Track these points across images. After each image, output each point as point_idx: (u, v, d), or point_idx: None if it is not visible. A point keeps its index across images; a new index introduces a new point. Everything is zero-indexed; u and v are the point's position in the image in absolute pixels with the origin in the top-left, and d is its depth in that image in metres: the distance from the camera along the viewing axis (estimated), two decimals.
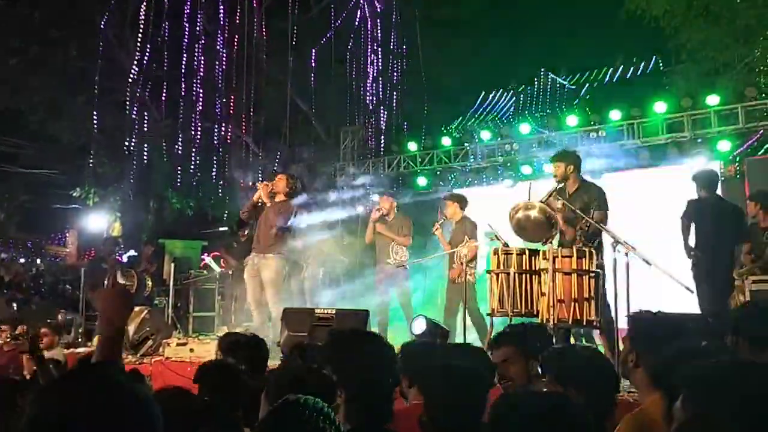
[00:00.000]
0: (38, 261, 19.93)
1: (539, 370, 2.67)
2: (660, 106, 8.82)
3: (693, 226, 6.28)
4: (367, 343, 2.19)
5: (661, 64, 11.07)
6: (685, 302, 5.95)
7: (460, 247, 6.84)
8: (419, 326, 5.93)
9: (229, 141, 15.16)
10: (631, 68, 11.15)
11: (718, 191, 6.57)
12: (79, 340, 8.35)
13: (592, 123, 9.41)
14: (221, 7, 14.04)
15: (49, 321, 7.31)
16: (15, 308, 11.18)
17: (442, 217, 7.33)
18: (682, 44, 10.98)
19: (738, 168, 8.71)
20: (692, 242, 6.29)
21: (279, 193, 7.00)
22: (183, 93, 14.25)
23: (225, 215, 12.60)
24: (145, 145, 14.98)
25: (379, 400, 2.04)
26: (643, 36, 11.54)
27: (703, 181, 6.33)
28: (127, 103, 14.45)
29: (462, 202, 7.28)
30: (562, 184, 5.81)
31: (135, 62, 14.04)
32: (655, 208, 8.46)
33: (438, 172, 11.17)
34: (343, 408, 2.01)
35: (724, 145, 8.49)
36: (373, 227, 8.03)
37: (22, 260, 19.66)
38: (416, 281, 8.35)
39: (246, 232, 8.93)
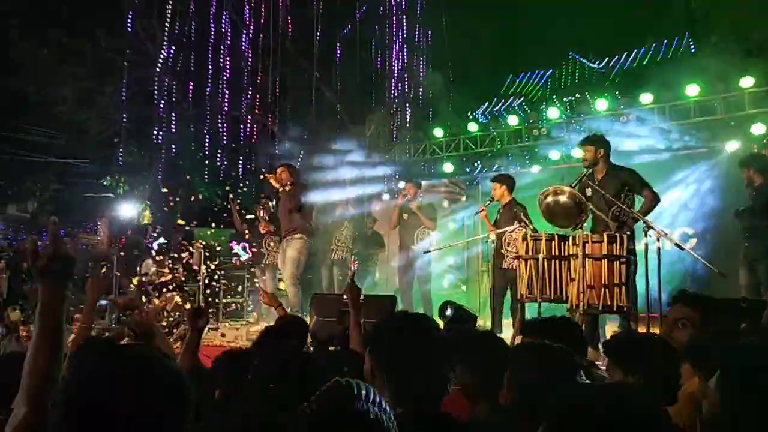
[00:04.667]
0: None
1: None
2: (692, 89, 8.65)
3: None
4: (409, 324, 2.18)
5: (692, 46, 10.82)
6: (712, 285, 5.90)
7: (508, 230, 6.76)
8: (448, 311, 5.94)
9: (255, 129, 15.25)
10: (662, 50, 10.92)
11: None
12: (113, 325, 8.52)
13: (621, 106, 9.28)
14: None
15: (83, 306, 7.44)
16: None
17: (488, 199, 7.28)
18: (713, 25, 10.73)
19: None
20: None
21: (285, 183, 7.41)
22: (210, 82, 14.35)
23: (256, 204, 12.73)
24: (173, 134, 15.14)
25: (425, 382, 2.04)
26: (673, 17, 11.30)
27: (758, 164, 6.26)
28: (155, 92, 14.60)
29: (510, 184, 7.19)
30: (591, 169, 5.77)
31: (162, 52, 14.16)
32: (686, 191, 8.36)
33: (464, 158, 11.12)
34: (389, 391, 2.02)
35: (758, 128, 8.31)
36: (399, 213, 8.08)
37: None
38: None
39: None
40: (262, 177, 7.64)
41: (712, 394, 1.31)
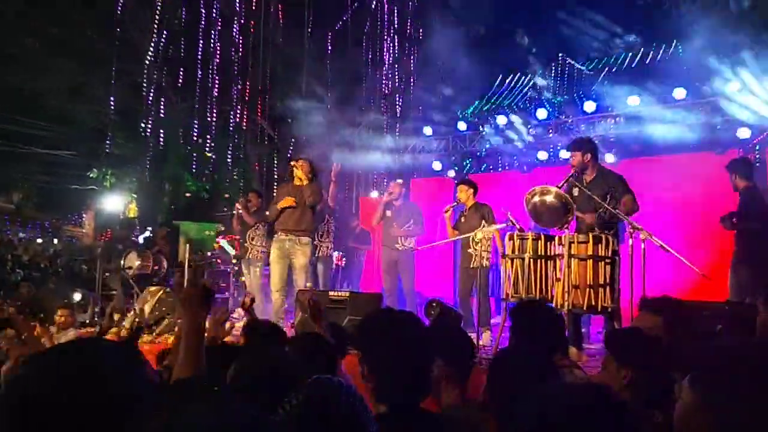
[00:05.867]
0: (55, 241, 20.14)
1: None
2: (679, 93, 8.71)
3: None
4: (396, 320, 2.17)
5: (680, 50, 10.89)
6: (701, 289, 5.93)
7: (476, 231, 6.77)
8: (433, 310, 5.94)
9: (244, 125, 15.19)
10: (650, 53, 10.99)
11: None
12: (96, 319, 8.45)
13: (610, 108, 9.33)
14: None
15: (66, 301, 7.38)
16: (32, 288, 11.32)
17: (454, 201, 7.30)
18: (702, 30, 10.80)
19: (758, 156, 8.59)
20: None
21: (304, 176, 7.27)
22: (199, 76, 14.28)
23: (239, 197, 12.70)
24: (162, 127, 15.06)
25: (410, 378, 2.03)
26: (663, 21, 11.37)
27: (741, 169, 6.30)
28: (144, 85, 14.50)
29: (476, 188, 7.24)
30: (579, 172, 5.78)
31: (152, 45, 14.07)
32: (674, 194, 8.39)
33: (453, 157, 11.13)
34: (374, 388, 2.02)
35: (744, 132, 8.38)
36: (382, 210, 8.07)
37: (39, 240, 19.89)
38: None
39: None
40: (291, 164, 7.51)
41: (684, 395, 1.32)
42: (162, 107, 15.15)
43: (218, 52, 14.25)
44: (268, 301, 7.68)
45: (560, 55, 12.06)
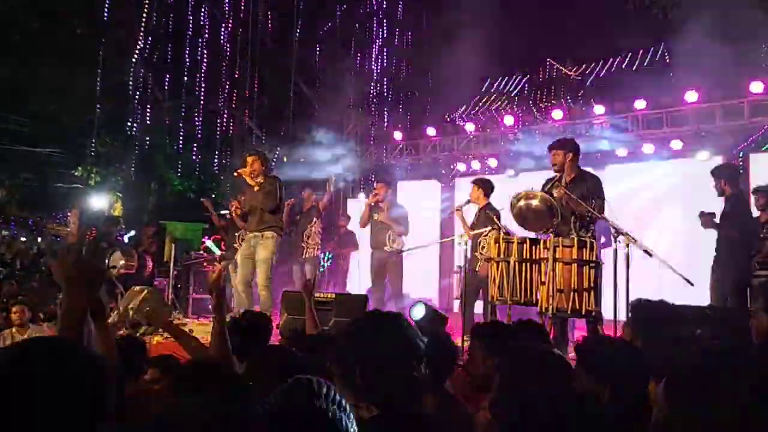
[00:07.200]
0: (39, 240, 19.89)
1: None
2: (665, 100, 8.81)
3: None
4: (386, 322, 2.17)
5: (667, 57, 10.99)
6: (685, 294, 5.97)
7: (483, 231, 6.74)
8: (418, 312, 5.95)
9: (232, 125, 15.13)
10: (637, 60, 11.07)
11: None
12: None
13: (594, 114, 9.39)
14: None
15: (20, 297, 7.24)
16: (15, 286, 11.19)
17: (465, 199, 7.27)
18: (688, 37, 10.89)
19: (742, 163, 8.69)
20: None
21: (258, 174, 7.02)
22: (186, 75, 14.21)
23: (226, 197, 12.62)
24: (148, 126, 14.96)
25: (401, 380, 2.02)
26: (650, 27, 11.45)
27: (728, 175, 6.36)
28: (131, 83, 14.40)
29: (487, 187, 7.19)
30: (560, 173, 5.81)
31: (139, 43, 13.98)
32: (658, 200, 8.47)
33: (440, 160, 11.15)
34: (364, 391, 2.01)
35: (727, 139, 8.48)
36: (369, 212, 8.06)
37: (23, 239, 19.65)
38: None
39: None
40: (235, 174, 7.28)
41: (660, 400, 1.33)
42: (148, 106, 15.05)
43: (205, 51, 14.18)
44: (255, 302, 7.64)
45: (548, 59, 12.13)
